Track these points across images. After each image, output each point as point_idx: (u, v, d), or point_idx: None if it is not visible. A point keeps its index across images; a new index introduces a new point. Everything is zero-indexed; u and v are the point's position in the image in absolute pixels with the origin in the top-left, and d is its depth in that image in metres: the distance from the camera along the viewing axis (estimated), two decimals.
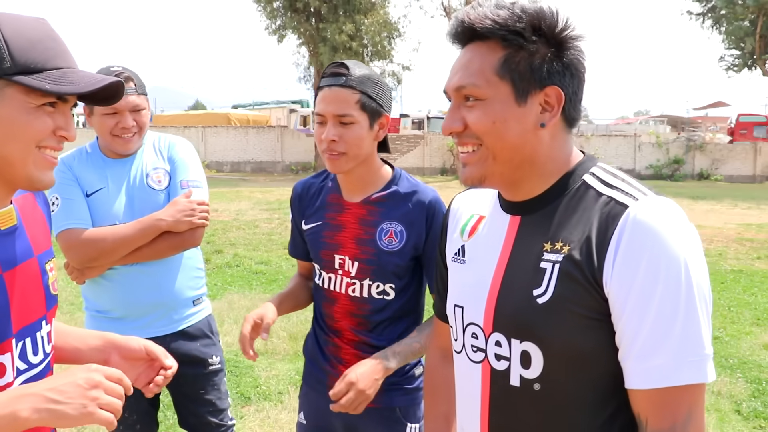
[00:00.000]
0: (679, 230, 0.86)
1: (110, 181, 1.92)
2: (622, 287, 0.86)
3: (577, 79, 0.94)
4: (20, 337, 0.99)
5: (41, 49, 0.93)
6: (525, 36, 0.90)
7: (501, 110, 0.92)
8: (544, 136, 0.94)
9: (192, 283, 2.03)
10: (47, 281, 1.07)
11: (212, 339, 2.07)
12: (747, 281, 6.52)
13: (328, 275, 1.57)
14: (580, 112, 0.98)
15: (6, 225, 1.00)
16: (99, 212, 1.88)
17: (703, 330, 0.85)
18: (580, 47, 0.94)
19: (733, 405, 3.53)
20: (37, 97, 0.93)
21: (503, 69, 0.92)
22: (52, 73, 0.93)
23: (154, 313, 1.94)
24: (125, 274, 1.90)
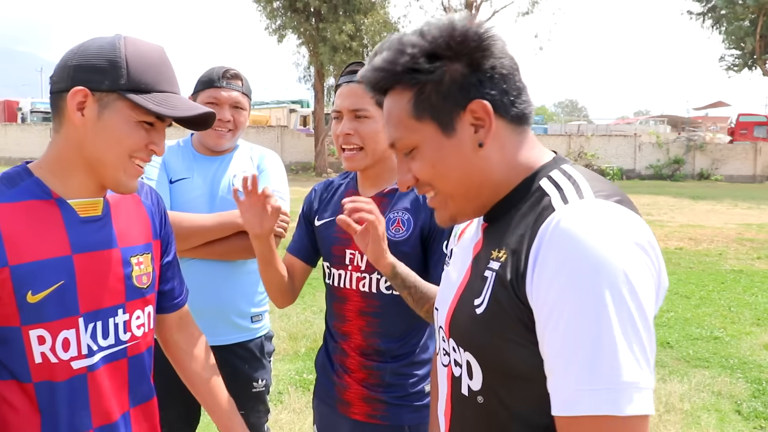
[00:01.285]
0: (602, 240, 0.73)
1: (196, 173, 1.89)
2: (539, 300, 0.77)
3: (501, 77, 0.86)
4: (90, 318, 1.09)
5: (154, 73, 1.07)
6: (421, 69, 0.85)
7: (435, 151, 0.87)
8: (491, 151, 0.87)
9: (254, 298, 1.93)
10: (131, 273, 1.16)
11: (262, 361, 1.97)
12: (747, 281, 6.51)
13: (338, 272, 1.54)
14: (526, 104, 0.89)
15: (87, 213, 1.11)
16: (179, 201, 1.85)
17: (621, 354, 0.70)
18: (492, 43, 0.86)
19: (733, 405, 3.53)
20: (140, 113, 1.06)
21: (417, 110, 0.87)
22: (158, 95, 1.06)
23: (208, 318, 1.82)
24: (188, 270, 1.78)
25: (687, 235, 9.43)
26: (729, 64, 25.24)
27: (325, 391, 1.61)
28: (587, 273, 0.72)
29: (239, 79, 1.90)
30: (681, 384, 3.79)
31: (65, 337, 1.06)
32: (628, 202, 0.82)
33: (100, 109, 1.04)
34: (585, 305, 0.72)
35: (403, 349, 1.52)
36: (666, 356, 4.31)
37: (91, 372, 1.10)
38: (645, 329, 0.72)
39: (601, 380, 0.70)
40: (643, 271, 0.74)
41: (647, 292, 0.74)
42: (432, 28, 0.86)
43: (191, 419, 2.01)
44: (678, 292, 6.03)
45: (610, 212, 0.77)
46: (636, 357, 0.71)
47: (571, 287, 0.73)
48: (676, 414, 3.38)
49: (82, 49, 1.06)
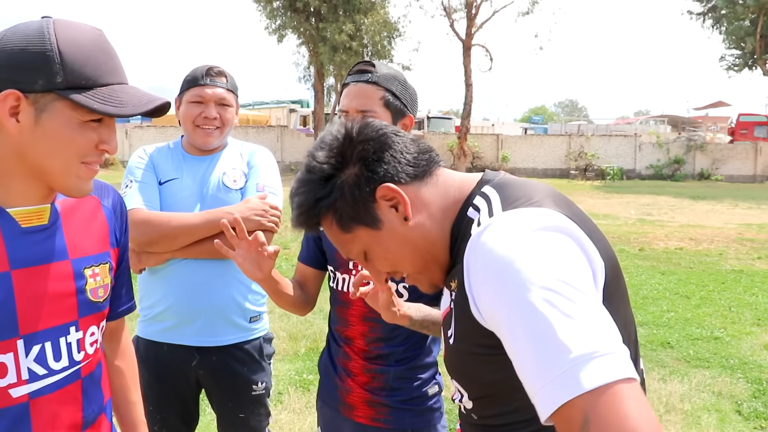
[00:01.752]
0: (502, 241, 0.76)
1: (185, 173, 1.88)
2: (491, 320, 0.79)
3: (388, 155, 0.92)
4: (34, 339, 0.97)
5: (93, 65, 0.92)
6: (323, 196, 0.92)
7: (378, 247, 0.94)
8: (420, 217, 0.93)
9: (251, 296, 1.90)
10: (84, 286, 1.04)
11: (262, 363, 1.95)
12: (747, 281, 6.51)
13: (343, 276, 1.53)
14: (419, 159, 0.94)
15: (30, 223, 0.98)
16: (169, 201, 1.84)
17: (561, 334, 0.67)
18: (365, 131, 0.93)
19: (733, 405, 3.52)
20: (84, 113, 0.92)
21: (343, 225, 0.94)
22: (103, 90, 0.92)
23: (204, 319, 1.83)
24: (182, 269, 1.81)
25: (687, 235, 9.43)
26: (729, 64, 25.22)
27: (328, 394, 1.61)
28: (499, 277, 0.75)
29: (224, 76, 1.89)
30: (681, 384, 3.78)
31: (1, 362, 0.94)
32: (546, 198, 0.85)
33: (36, 112, 0.90)
34: (512, 307, 0.72)
35: (406, 353, 1.51)
36: (666, 356, 4.31)
37: (33, 399, 0.97)
38: (581, 299, 0.70)
39: (555, 368, 0.67)
40: (552, 249, 0.75)
41: (567, 265, 0.74)
42: (315, 158, 0.93)
43: (190, 421, 2.00)
44: (678, 292, 6.03)
45: (511, 217, 0.81)
46: (580, 329, 0.67)
47: (496, 298, 0.76)
48: (677, 414, 3.37)
49: (5, 40, 0.90)
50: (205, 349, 1.86)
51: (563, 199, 0.90)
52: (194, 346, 1.85)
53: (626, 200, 14.50)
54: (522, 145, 23.36)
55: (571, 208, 0.89)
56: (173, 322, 1.84)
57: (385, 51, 21.46)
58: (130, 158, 1.94)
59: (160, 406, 1.89)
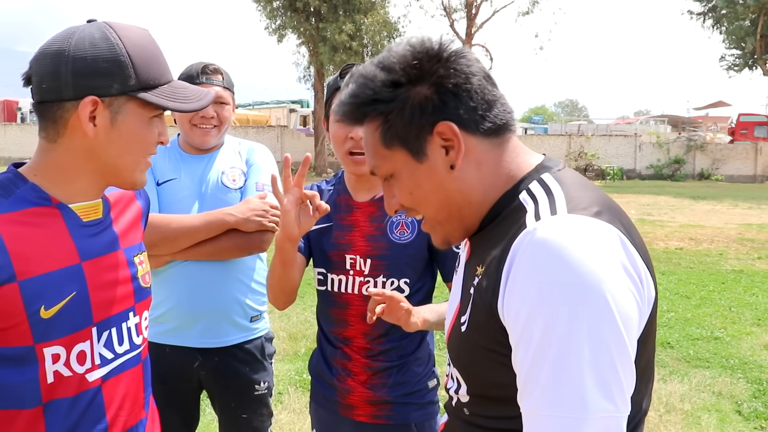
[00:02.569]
0: (575, 258, 0.70)
1: (183, 173, 1.86)
2: (510, 319, 0.75)
3: (467, 94, 0.84)
4: (104, 326, 1.03)
5: (156, 65, 1.00)
6: (383, 99, 0.84)
7: (409, 178, 0.87)
8: (467, 171, 0.85)
9: (251, 296, 1.89)
10: (136, 273, 1.11)
11: (263, 363, 1.94)
12: (748, 281, 6.51)
13: (339, 277, 1.52)
14: (499, 116, 0.86)
15: (90, 217, 1.04)
16: (167, 202, 1.82)
17: (588, 382, 0.67)
18: (455, 60, 0.84)
19: (733, 405, 3.52)
20: (151, 110, 1.00)
21: (386, 139, 0.86)
22: (165, 88, 1.00)
23: (206, 320, 1.82)
24: (182, 271, 1.80)
25: (687, 235, 9.42)
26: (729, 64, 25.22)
27: (324, 396, 1.60)
28: (557, 293, 0.70)
29: (219, 73, 1.87)
30: (681, 384, 3.78)
31: (81, 350, 1.00)
32: (609, 212, 0.78)
33: (112, 115, 0.97)
34: (555, 326, 0.69)
35: (408, 347, 1.51)
36: (666, 356, 4.31)
37: (105, 382, 1.04)
38: (620, 356, 0.69)
39: (565, 407, 0.68)
40: (622, 291, 0.71)
41: (626, 314, 0.71)
42: (391, 56, 0.85)
43: (190, 422, 1.99)
44: (678, 293, 6.03)
45: (585, 228, 0.74)
46: (605, 386, 0.67)
47: (541, 307, 0.70)
48: (677, 414, 3.37)
49: (74, 49, 0.95)
50: (208, 350, 1.85)
51: (622, 214, 0.83)
52: (196, 348, 1.85)
53: (626, 200, 14.50)
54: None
55: (629, 226, 0.81)
56: (175, 323, 1.83)
57: None
58: None
59: (160, 407, 1.88)
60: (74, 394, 0.99)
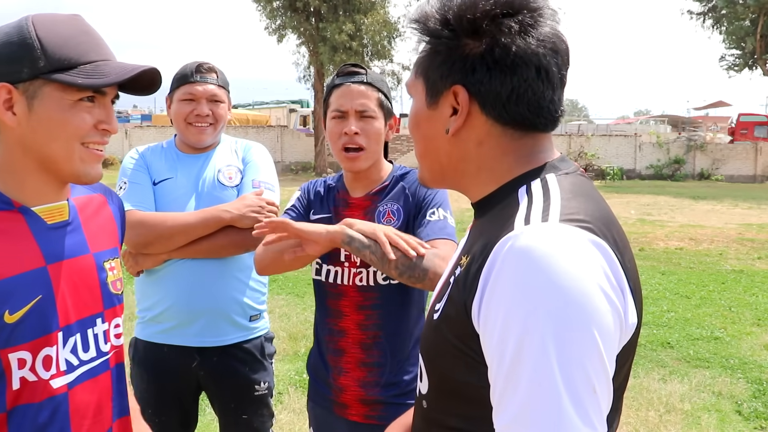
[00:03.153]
0: (549, 268, 0.66)
1: (179, 172, 1.86)
2: (487, 328, 0.70)
3: (503, 75, 0.77)
4: (70, 331, 1.00)
5: (74, 44, 0.95)
6: (432, 30, 0.80)
7: (417, 112, 0.87)
8: (464, 142, 0.82)
9: (251, 295, 1.88)
10: (106, 279, 1.08)
11: (263, 363, 1.93)
12: (748, 281, 6.50)
13: (335, 269, 1.54)
14: (528, 112, 0.79)
15: (54, 220, 1.01)
16: (164, 201, 1.82)
17: (564, 399, 0.63)
18: (519, 35, 0.76)
19: (733, 405, 3.52)
20: (73, 92, 0.94)
21: (419, 66, 0.85)
22: (86, 67, 0.95)
23: (205, 319, 1.81)
24: (179, 270, 1.79)
25: (687, 235, 9.42)
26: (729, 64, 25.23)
27: (320, 394, 1.61)
28: (534, 305, 0.65)
29: (214, 71, 1.87)
30: (681, 384, 3.78)
31: (47, 355, 0.97)
32: (605, 227, 0.73)
33: (28, 101, 0.94)
34: (530, 341, 0.65)
35: (403, 345, 1.51)
36: (666, 356, 4.31)
37: (71, 389, 1.01)
38: (598, 376, 0.65)
39: (540, 428, 0.64)
40: (603, 309, 0.67)
41: (607, 332, 0.67)
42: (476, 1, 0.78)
43: (188, 423, 1.99)
44: (678, 293, 6.03)
45: (572, 241, 0.69)
46: (582, 407, 0.64)
47: (515, 319, 0.66)
48: (677, 414, 3.37)
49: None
50: (206, 350, 1.84)
51: (618, 232, 0.78)
52: (195, 347, 1.84)
53: (626, 200, 14.49)
54: None
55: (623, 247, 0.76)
56: (173, 323, 1.83)
57: (385, 51, 21.45)
58: (124, 159, 1.92)
59: (158, 408, 1.87)
60: (39, 401, 0.97)
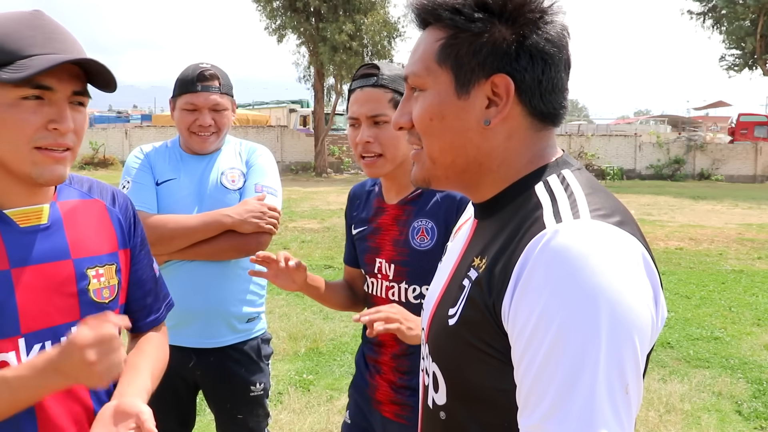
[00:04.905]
0: (600, 269, 0.65)
1: (183, 174, 1.86)
2: (517, 324, 0.68)
3: (543, 63, 0.76)
4: (35, 338, 0.96)
5: (14, 39, 0.88)
6: (464, 13, 0.75)
7: (439, 104, 0.78)
8: (496, 134, 0.78)
9: (249, 298, 1.89)
10: (86, 286, 1.03)
11: (260, 364, 1.93)
12: (748, 281, 6.50)
13: (371, 280, 1.56)
14: (556, 104, 0.79)
15: (28, 223, 0.98)
16: (166, 202, 1.82)
17: (599, 400, 0.62)
18: (553, 23, 0.76)
19: (733, 405, 3.52)
20: (13, 90, 0.88)
21: (442, 54, 0.77)
22: (22, 61, 0.87)
23: (202, 321, 1.82)
24: (179, 271, 1.80)
25: (687, 235, 9.42)
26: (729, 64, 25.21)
27: (361, 386, 1.66)
28: (579, 302, 0.64)
29: (216, 78, 1.85)
30: (681, 384, 3.78)
31: (2, 361, 0.93)
32: (629, 223, 0.73)
33: None
34: (572, 336, 0.63)
35: None
36: (666, 356, 4.30)
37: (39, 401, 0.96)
38: (633, 377, 0.64)
39: (573, 424, 0.62)
40: (643, 310, 0.66)
41: (643, 332, 0.66)
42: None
43: (187, 423, 1.99)
44: (678, 293, 6.02)
45: (609, 238, 0.68)
46: (616, 406, 0.63)
47: (556, 313, 0.64)
48: (677, 414, 3.37)
49: None
50: (203, 351, 1.84)
51: (638, 226, 0.76)
52: (192, 348, 1.85)
53: (626, 200, 14.50)
54: None
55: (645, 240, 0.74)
56: (171, 323, 1.82)
57: (385, 51, 21.43)
58: (128, 158, 1.92)
59: (156, 408, 1.88)
60: None
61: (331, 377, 3.86)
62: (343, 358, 4.18)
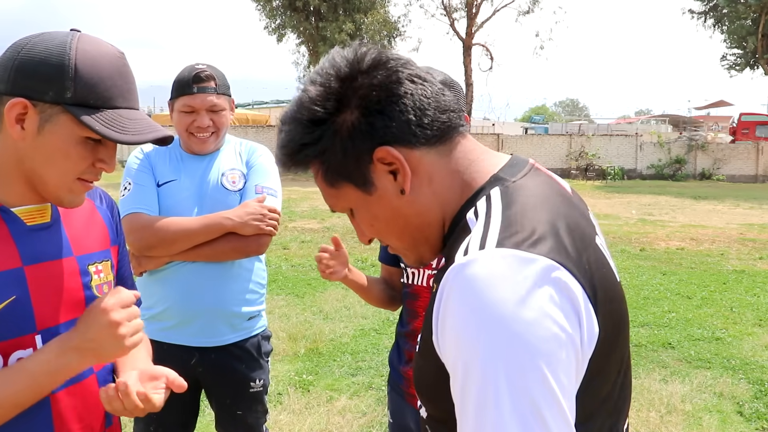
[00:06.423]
0: (492, 304, 0.64)
1: (183, 175, 1.87)
2: (443, 358, 0.71)
3: (398, 107, 0.75)
4: (49, 335, 0.98)
5: (106, 86, 0.94)
6: (308, 142, 0.77)
7: (365, 211, 0.81)
8: (420, 190, 0.78)
9: (250, 296, 1.91)
10: (89, 282, 1.06)
11: (260, 361, 1.95)
12: (749, 282, 6.49)
13: (412, 270, 1.63)
14: (440, 119, 0.77)
15: (34, 221, 1.01)
16: (167, 204, 1.83)
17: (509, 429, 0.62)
18: (372, 76, 0.76)
19: (735, 406, 3.51)
20: (85, 130, 0.93)
21: (330, 179, 0.80)
22: (109, 113, 0.94)
23: (203, 320, 1.84)
24: (181, 271, 1.82)
25: (688, 235, 9.41)
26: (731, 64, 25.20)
27: (395, 383, 1.72)
28: (478, 339, 0.64)
29: (212, 79, 1.85)
30: (682, 385, 3.77)
31: (19, 358, 0.95)
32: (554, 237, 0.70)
33: (41, 122, 0.92)
34: (474, 372, 0.64)
35: None
36: (667, 357, 4.29)
37: (55, 394, 0.99)
38: (547, 403, 0.63)
39: None
40: (546, 335, 0.64)
41: (553, 357, 0.64)
42: (306, 92, 0.78)
43: (187, 422, 1.99)
44: (679, 293, 6.01)
45: (511, 266, 0.66)
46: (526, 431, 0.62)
47: (460, 353, 0.66)
48: (678, 415, 3.36)
49: (29, 47, 0.92)
50: (205, 349, 1.86)
51: (577, 235, 0.74)
52: (194, 346, 1.86)
53: (627, 200, 14.48)
54: (523, 144, 23.34)
55: (582, 249, 0.73)
56: (172, 322, 1.85)
57: None
58: (128, 159, 1.92)
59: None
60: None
61: (331, 378, 3.85)
62: (342, 358, 4.17)
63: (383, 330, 4.72)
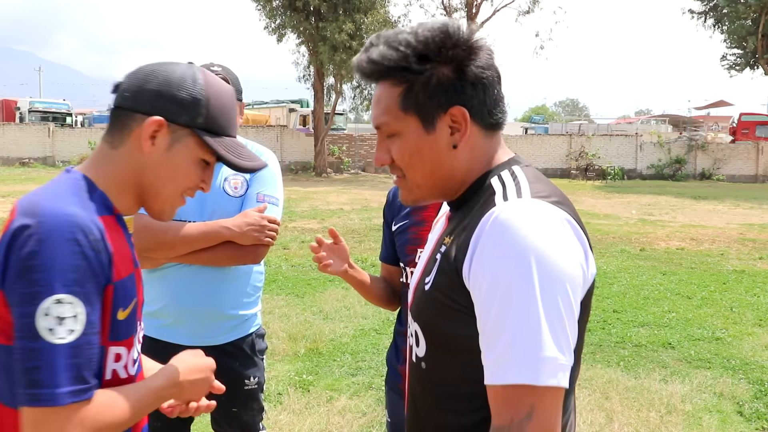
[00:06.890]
0: (532, 232, 0.85)
1: None
2: (476, 283, 0.88)
3: (482, 87, 0.95)
4: (138, 334, 1.11)
5: (227, 117, 1.09)
6: (413, 69, 0.93)
7: (414, 143, 0.97)
8: (462, 153, 0.97)
9: (246, 298, 1.93)
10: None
11: (254, 359, 1.97)
12: (749, 282, 6.49)
13: (411, 270, 1.65)
14: (499, 114, 0.99)
15: (130, 230, 1.12)
16: None
17: (544, 333, 0.82)
18: (480, 52, 0.95)
19: (735, 406, 3.51)
20: (206, 153, 1.07)
21: (404, 104, 0.95)
22: (227, 140, 1.08)
23: (197, 321, 1.86)
24: (178, 272, 1.84)
25: (688, 235, 9.41)
26: (731, 64, 25.19)
27: (394, 382, 1.75)
28: (518, 260, 0.83)
29: (225, 80, 1.86)
30: (683, 385, 3.77)
31: (116, 353, 1.04)
32: (565, 203, 0.93)
33: (171, 141, 1.04)
34: (515, 288, 0.83)
35: None
36: (667, 357, 4.29)
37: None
38: (568, 316, 0.84)
39: (525, 354, 0.82)
40: (571, 261, 0.86)
41: (573, 280, 0.86)
42: (426, 30, 0.93)
43: (185, 421, 1.99)
44: (679, 293, 6.01)
45: (542, 210, 0.88)
46: (557, 337, 0.82)
47: (503, 272, 0.84)
48: (678, 415, 3.36)
49: (164, 75, 1.05)
50: (199, 348, 1.87)
51: (573, 206, 0.95)
52: (188, 345, 1.87)
53: (627, 200, 14.48)
54: (523, 144, 23.34)
55: (578, 217, 0.94)
56: (168, 320, 1.88)
57: None
58: None
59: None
60: None
61: (331, 378, 3.85)
62: (342, 358, 4.17)
63: (383, 330, 4.72)
